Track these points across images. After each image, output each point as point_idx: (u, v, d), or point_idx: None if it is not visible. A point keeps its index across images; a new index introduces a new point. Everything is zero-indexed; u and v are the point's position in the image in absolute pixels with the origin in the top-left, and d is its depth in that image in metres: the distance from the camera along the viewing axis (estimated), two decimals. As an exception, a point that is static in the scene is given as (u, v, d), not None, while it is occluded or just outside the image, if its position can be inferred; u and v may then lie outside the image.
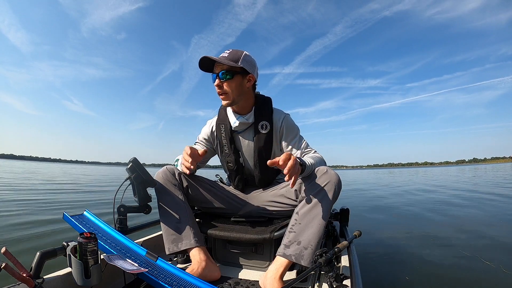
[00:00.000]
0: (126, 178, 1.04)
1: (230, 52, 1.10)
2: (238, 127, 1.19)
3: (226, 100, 1.13)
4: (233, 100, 1.13)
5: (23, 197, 5.02)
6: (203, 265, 0.98)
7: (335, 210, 1.68)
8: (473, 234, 2.67)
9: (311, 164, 1.01)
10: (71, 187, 8.11)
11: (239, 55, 1.10)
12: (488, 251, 2.12)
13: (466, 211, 4.06)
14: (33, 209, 3.82)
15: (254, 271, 1.11)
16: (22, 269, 0.65)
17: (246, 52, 1.12)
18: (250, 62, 1.13)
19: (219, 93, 1.12)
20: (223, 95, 1.12)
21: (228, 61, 1.07)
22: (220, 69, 1.09)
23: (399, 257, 2.08)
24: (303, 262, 0.91)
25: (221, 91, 1.11)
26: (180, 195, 1.11)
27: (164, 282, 0.77)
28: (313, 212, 0.96)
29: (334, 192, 0.97)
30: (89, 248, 0.69)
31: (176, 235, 1.04)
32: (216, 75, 1.10)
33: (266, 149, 1.18)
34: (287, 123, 1.20)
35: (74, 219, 0.97)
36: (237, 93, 1.12)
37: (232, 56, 1.09)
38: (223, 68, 1.09)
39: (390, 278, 1.69)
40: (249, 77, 1.14)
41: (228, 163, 1.24)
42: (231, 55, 1.09)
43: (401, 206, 4.73)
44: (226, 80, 1.09)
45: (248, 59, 1.12)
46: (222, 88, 1.10)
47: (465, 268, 1.79)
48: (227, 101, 1.13)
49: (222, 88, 1.10)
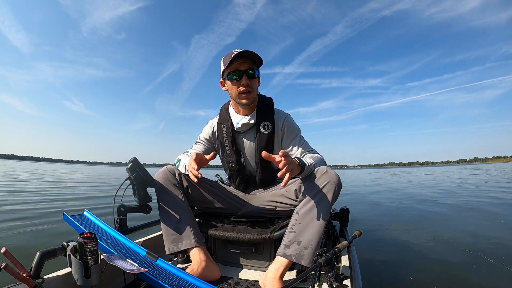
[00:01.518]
0: (126, 178, 1.04)
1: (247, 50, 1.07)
2: (240, 127, 1.18)
3: (249, 99, 1.11)
4: (254, 99, 1.13)
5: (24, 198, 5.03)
6: (203, 265, 0.99)
7: (335, 210, 1.68)
8: (474, 234, 2.66)
9: (310, 164, 1.01)
10: (73, 186, 8.11)
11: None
12: (490, 250, 2.12)
13: (469, 211, 4.06)
14: (34, 209, 3.83)
15: (254, 271, 1.11)
16: (22, 269, 0.65)
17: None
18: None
19: (244, 91, 1.09)
20: (248, 94, 1.10)
21: (259, 59, 1.08)
22: (248, 66, 1.08)
23: (399, 257, 2.08)
24: (303, 262, 0.91)
25: (248, 89, 1.09)
26: (180, 195, 1.11)
27: (164, 282, 0.77)
28: (313, 212, 0.96)
29: (334, 192, 0.97)
30: (89, 248, 0.69)
31: (176, 235, 1.05)
32: (242, 72, 1.07)
33: (268, 149, 1.18)
34: (289, 124, 1.20)
35: (74, 219, 0.97)
36: (256, 91, 1.14)
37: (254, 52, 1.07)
38: (252, 66, 1.08)
39: (390, 278, 1.69)
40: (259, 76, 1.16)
41: (229, 163, 1.24)
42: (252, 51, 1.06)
43: (401, 206, 4.73)
44: (254, 78, 1.10)
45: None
46: (249, 86, 1.09)
47: (466, 268, 1.79)
48: (250, 100, 1.12)
49: (249, 86, 1.09)
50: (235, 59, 1.05)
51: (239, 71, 1.08)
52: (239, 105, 1.15)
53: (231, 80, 1.09)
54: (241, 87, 1.09)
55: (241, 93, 1.10)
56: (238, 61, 1.07)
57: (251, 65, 1.09)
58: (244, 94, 1.10)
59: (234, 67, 1.08)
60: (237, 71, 1.08)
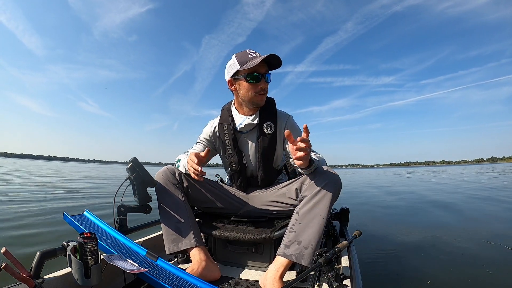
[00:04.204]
0: (126, 178, 1.04)
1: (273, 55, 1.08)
2: (243, 127, 1.18)
3: (263, 100, 1.15)
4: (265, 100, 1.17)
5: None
6: (203, 265, 0.99)
7: (335, 210, 1.68)
8: (475, 234, 2.66)
9: (316, 160, 1.01)
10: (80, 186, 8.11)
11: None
12: (490, 252, 2.12)
13: (471, 211, 4.05)
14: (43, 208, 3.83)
15: (254, 271, 1.11)
16: (22, 269, 0.65)
17: None
18: None
19: (262, 93, 1.12)
20: (263, 96, 1.13)
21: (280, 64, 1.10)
22: (266, 69, 1.11)
23: (400, 257, 2.07)
24: (304, 262, 0.91)
25: (264, 92, 1.12)
26: (180, 195, 1.11)
27: (164, 282, 0.77)
28: (313, 212, 0.96)
29: (334, 192, 0.97)
30: (89, 248, 0.69)
31: (176, 235, 1.05)
32: (261, 75, 1.09)
33: (270, 149, 1.19)
34: (291, 125, 1.20)
35: (74, 219, 0.97)
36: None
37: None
38: (268, 69, 1.11)
39: (391, 278, 1.69)
40: None
41: (231, 164, 1.24)
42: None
43: (401, 206, 4.72)
44: (269, 81, 1.14)
45: None
46: (265, 90, 1.13)
47: (466, 268, 1.79)
48: (264, 102, 1.15)
49: (265, 90, 1.13)
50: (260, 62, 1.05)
51: (259, 74, 1.09)
52: (251, 105, 1.15)
53: (249, 81, 1.09)
54: (258, 89, 1.10)
55: (258, 95, 1.11)
56: (259, 64, 1.06)
57: (267, 68, 1.11)
58: (261, 96, 1.12)
59: (254, 69, 1.07)
60: (257, 74, 1.08)
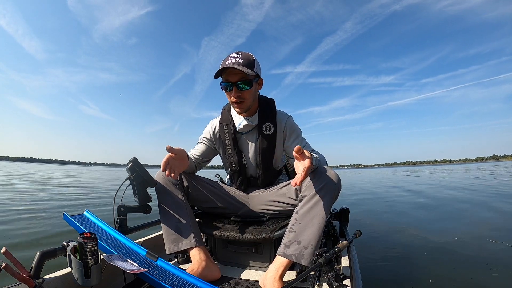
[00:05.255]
0: (126, 178, 1.04)
1: (242, 56, 1.04)
2: (242, 128, 1.18)
3: (242, 108, 1.10)
4: (248, 107, 1.12)
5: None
6: (203, 265, 0.99)
7: (335, 210, 1.68)
8: (476, 234, 2.66)
9: (317, 159, 1.00)
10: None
11: (252, 60, 1.05)
12: (489, 252, 2.12)
13: (474, 212, 4.05)
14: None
15: (254, 271, 1.11)
16: (22, 269, 0.65)
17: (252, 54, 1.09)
18: (259, 65, 1.11)
19: (235, 101, 1.07)
20: (240, 104, 1.08)
21: (250, 71, 1.02)
22: (239, 78, 1.04)
23: (400, 256, 2.07)
24: (303, 261, 0.91)
25: (238, 100, 1.07)
26: (180, 195, 1.11)
27: (164, 282, 0.77)
28: (313, 212, 0.96)
29: (334, 192, 0.97)
30: (89, 248, 0.69)
31: (176, 235, 1.05)
32: (232, 84, 1.05)
33: (270, 150, 1.18)
34: (291, 125, 1.20)
35: (74, 219, 0.97)
36: (251, 99, 1.11)
37: (247, 62, 1.03)
38: (242, 77, 1.03)
39: (391, 278, 1.69)
40: (259, 81, 1.14)
41: (231, 164, 1.24)
42: (245, 60, 1.03)
43: (401, 206, 4.72)
44: (245, 89, 1.06)
45: (258, 62, 1.10)
46: (240, 97, 1.07)
47: (466, 268, 1.79)
48: (243, 109, 1.11)
49: (240, 97, 1.07)
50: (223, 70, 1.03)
51: (229, 82, 1.05)
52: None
53: (222, 89, 1.09)
54: (231, 99, 1.08)
55: (234, 103, 1.09)
56: (227, 71, 1.03)
57: (243, 75, 1.03)
58: (237, 104, 1.09)
59: (224, 78, 1.05)
60: (225, 83, 1.06)
